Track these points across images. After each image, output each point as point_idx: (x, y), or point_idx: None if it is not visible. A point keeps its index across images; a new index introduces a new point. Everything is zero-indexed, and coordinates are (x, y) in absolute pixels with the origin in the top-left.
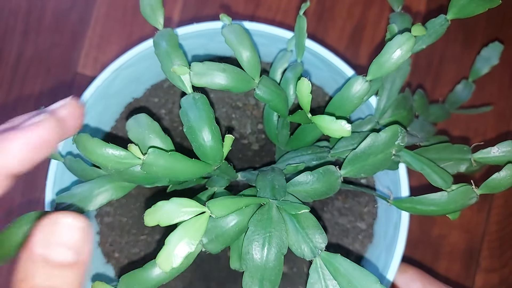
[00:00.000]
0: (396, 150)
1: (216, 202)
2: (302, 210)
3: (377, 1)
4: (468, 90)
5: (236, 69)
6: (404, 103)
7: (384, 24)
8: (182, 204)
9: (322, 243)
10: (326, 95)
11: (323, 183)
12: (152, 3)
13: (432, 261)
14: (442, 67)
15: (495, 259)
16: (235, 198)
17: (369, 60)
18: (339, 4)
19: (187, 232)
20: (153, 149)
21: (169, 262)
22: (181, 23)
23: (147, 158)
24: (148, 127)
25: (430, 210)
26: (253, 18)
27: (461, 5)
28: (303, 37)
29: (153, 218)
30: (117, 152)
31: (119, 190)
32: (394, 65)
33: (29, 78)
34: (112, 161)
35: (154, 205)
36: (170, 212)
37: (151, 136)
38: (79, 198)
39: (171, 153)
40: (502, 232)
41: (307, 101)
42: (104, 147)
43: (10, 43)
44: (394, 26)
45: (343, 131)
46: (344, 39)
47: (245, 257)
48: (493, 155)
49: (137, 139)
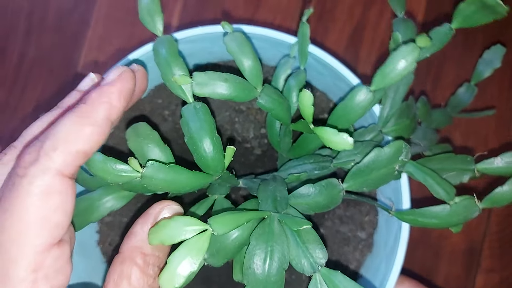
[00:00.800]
0: (400, 165)
1: (218, 219)
2: (304, 226)
3: (377, 2)
4: (470, 93)
5: (238, 78)
6: (408, 112)
7: (384, 25)
8: (185, 223)
9: (322, 259)
10: (330, 101)
11: (325, 196)
12: (150, 8)
13: (433, 261)
14: (442, 69)
15: (495, 259)
16: (236, 214)
17: (369, 60)
18: (339, 5)
19: (190, 251)
20: (151, 163)
21: (172, 282)
22: (181, 25)
23: (146, 172)
24: (147, 137)
25: (432, 223)
26: (252, 19)
27: (466, 15)
28: (306, 44)
29: (156, 238)
30: (116, 166)
31: (120, 200)
32: (399, 75)
33: (31, 78)
34: (111, 175)
35: (157, 224)
36: (173, 231)
37: (150, 146)
38: (82, 210)
39: (170, 166)
40: (502, 233)
41: (309, 112)
42: (103, 161)
43: (13, 43)
44: (398, 35)
45: (345, 144)
46: (344, 40)
47: (247, 272)
48: (496, 165)
49: (136, 149)
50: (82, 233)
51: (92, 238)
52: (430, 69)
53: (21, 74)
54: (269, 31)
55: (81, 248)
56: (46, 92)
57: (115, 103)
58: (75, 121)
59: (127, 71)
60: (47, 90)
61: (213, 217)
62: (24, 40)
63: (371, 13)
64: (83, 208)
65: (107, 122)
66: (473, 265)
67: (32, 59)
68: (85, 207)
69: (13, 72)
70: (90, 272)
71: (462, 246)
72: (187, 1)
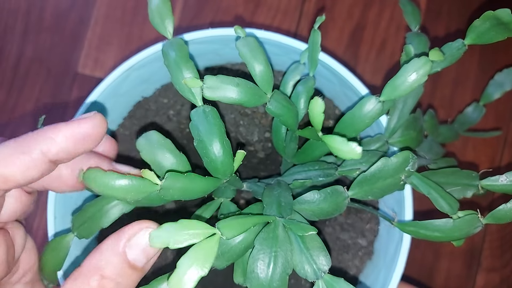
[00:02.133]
0: (406, 176)
1: (226, 223)
2: (309, 232)
3: (377, 1)
4: (478, 113)
5: (249, 83)
6: (415, 124)
7: (384, 24)
8: (191, 226)
9: (325, 266)
10: (336, 108)
11: (330, 203)
12: (161, 11)
13: (433, 261)
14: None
15: (496, 258)
16: (243, 218)
17: (369, 59)
18: (339, 4)
19: (199, 255)
20: (170, 174)
21: (181, 287)
22: (181, 25)
23: (165, 183)
24: (162, 146)
25: (434, 236)
26: (252, 19)
27: (479, 32)
28: (316, 51)
29: (161, 241)
30: (133, 182)
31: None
32: (409, 88)
33: (29, 78)
34: (130, 193)
35: (161, 226)
36: (179, 235)
37: (166, 156)
38: (91, 214)
39: (187, 174)
40: (503, 232)
41: (319, 120)
42: (118, 179)
43: (10, 43)
44: (410, 47)
45: (353, 153)
46: (344, 39)
47: (250, 276)
48: (501, 183)
49: (150, 160)
50: None
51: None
52: (437, 82)
53: (19, 75)
54: (281, 37)
55: (81, 244)
56: (45, 93)
57: (59, 140)
58: (9, 146)
59: (88, 116)
60: (46, 91)
61: (221, 221)
62: (21, 40)
63: (371, 12)
64: (92, 214)
65: (42, 156)
66: (473, 264)
67: (30, 59)
68: (94, 213)
69: (10, 73)
70: None
71: (463, 246)
72: (187, 1)
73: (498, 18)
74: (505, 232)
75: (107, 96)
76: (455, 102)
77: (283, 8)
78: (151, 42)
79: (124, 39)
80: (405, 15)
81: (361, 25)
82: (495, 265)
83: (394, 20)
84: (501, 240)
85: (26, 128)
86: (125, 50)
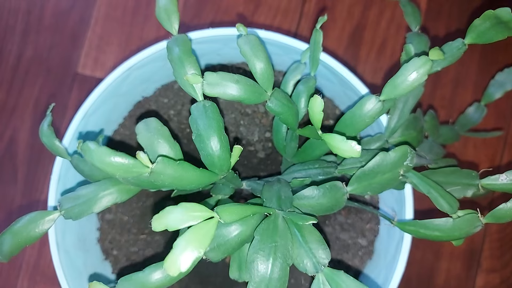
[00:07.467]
0: (405, 170)
1: (225, 208)
2: (309, 221)
3: (377, 1)
4: (480, 113)
5: (249, 80)
6: (415, 124)
7: (384, 24)
8: (191, 209)
9: (325, 259)
10: (335, 107)
11: (329, 198)
12: (168, 7)
13: (433, 261)
14: (453, 85)
15: (496, 259)
16: (243, 206)
17: (369, 59)
18: (339, 4)
19: (196, 237)
20: (161, 158)
21: (177, 267)
22: (181, 25)
23: (156, 167)
24: (158, 132)
25: (434, 235)
26: (253, 19)
27: (480, 31)
28: (318, 51)
29: (161, 223)
30: (126, 161)
31: (124, 193)
32: (409, 87)
33: (29, 78)
34: (120, 170)
35: (162, 210)
36: (178, 217)
37: (160, 141)
38: (84, 199)
39: (180, 162)
40: (503, 233)
41: (318, 118)
42: (111, 155)
43: (10, 43)
44: (410, 47)
45: (353, 152)
46: (344, 39)
47: (250, 267)
48: (501, 182)
49: (145, 143)
50: (83, 229)
51: (92, 235)
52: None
53: (19, 74)
54: (283, 37)
55: (81, 243)
56: (44, 92)
57: None
58: None
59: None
60: (45, 90)
61: (220, 205)
62: (21, 40)
63: (371, 12)
64: (85, 197)
65: None
66: (473, 265)
67: (30, 59)
68: (87, 197)
69: (10, 72)
70: (88, 267)
71: (462, 246)
72: (187, 1)
73: (498, 17)
74: (505, 233)
75: (107, 96)
76: (455, 102)
77: (283, 8)
78: (151, 42)
79: (124, 39)
80: (406, 15)
81: (362, 25)
82: (495, 266)
83: (394, 20)
84: (501, 241)
85: (26, 128)
86: (125, 50)
